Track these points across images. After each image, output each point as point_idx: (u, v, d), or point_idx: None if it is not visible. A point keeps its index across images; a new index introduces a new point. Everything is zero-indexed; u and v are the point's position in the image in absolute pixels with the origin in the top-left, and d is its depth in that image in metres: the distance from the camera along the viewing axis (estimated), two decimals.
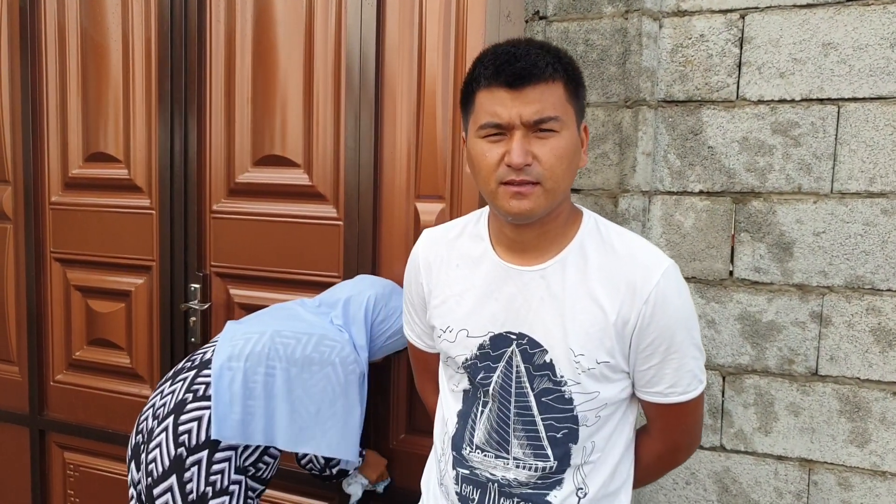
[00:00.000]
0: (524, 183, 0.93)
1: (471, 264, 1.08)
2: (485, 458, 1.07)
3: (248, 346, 1.50)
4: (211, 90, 2.08)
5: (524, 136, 0.93)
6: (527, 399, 1.02)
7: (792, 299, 1.44)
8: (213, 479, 1.45)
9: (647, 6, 1.45)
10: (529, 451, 1.04)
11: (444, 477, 1.15)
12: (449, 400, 1.14)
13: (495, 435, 1.05)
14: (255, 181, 2.04)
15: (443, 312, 1.10)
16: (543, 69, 0.92)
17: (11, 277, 2.48)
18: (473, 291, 1.06)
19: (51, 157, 2.37)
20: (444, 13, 1.78)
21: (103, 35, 2.24)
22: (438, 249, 1.13)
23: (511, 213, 0.96)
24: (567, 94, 0.96)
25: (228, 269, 2.10)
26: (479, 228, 1.11)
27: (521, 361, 1.02)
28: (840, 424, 1.43)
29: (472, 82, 0.98)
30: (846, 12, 1.37)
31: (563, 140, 0.94)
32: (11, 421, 2.51)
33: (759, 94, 1.44)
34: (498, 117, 0.93)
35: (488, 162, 0.95)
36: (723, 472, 1.52)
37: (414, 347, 1.27)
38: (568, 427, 1.02)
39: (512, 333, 1.03)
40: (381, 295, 1.68)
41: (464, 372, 1.08)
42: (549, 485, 1.04)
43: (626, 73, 1.47)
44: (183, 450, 1.45)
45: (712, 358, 1.51)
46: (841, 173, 1.40)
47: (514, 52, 0.93)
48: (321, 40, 1.92)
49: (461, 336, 1.07)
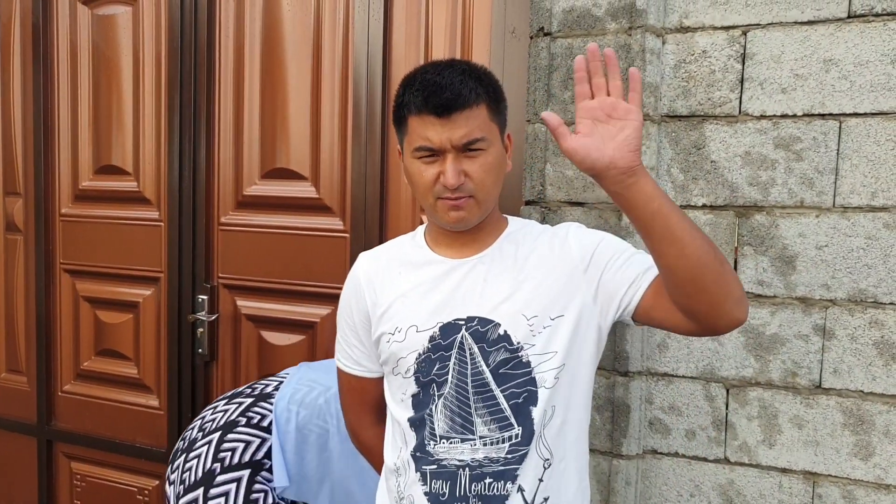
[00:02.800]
0: (459, 197, 1.05)
1: (412, 268, 1.16)
2: (451, 445, 1.08)
3: (312, 394, 1.49)
4: (219, 104, 2.11)
5: (455, 157, 1.04)
6: (483, 376, 1.07)
7: (795, 312, 1.45)
8: (255, 497, 1.45)
9: (650, 23, 1.47)
10: (494, 426, 1.07)
11: (403, 492, 1.13)
12: (398, 412, 1.14)
13: (458, 419, 1.08)
14: (262, 194, 2.06)
15: (390, 315, 1.14)
16: (467, 97, 1.02)
17: (21, 288, 2.51)
18: (419, 289, 1.13)
19: (61, 169, 2.40)
20: (449, 29, 1.80)
21: (114, 50, 2.27)
22: (378, 264, 1.20)
23: (450, 223, 1.08)
24: (490, 113, 1.06)
25: (236, 281, 2.12)
26: (416, 240, 1.20)
27: (472, 343, 1.08)
28: (844, 437, 1.43)
29: (402, 107, 1.07)
30: (847, 29, 1.39)
31: (490, 156, 1.06)
32: (19, 431, 2.53)
33: (761, 110, 1.46)
34: (430, 142, 1.04)
35: (425, 180, 1.06)
36: (727, 485, 1.52)
37: (351, 378, 1.26)
38: (527, 390, 1.07)
39: (460, 319, 1.09)
40: None
41: (412, 375, 1.10)
42: (518, 458, 1.07)
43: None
44: (218, 465, 1.44)
45: (716, 370, 1.51)
46: (843, 188, 1.41)
47: (439, 83, 1.02)
48: (328, 55, 1.95)
49: (411, 333, 1.11)
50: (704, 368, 1.52)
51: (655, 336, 1.55)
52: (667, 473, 1.57)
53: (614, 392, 1.54)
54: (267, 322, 2.10)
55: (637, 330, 1.53)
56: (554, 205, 1.58)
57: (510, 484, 1.06)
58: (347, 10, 1.91)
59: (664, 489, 1.57)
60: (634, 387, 1.54)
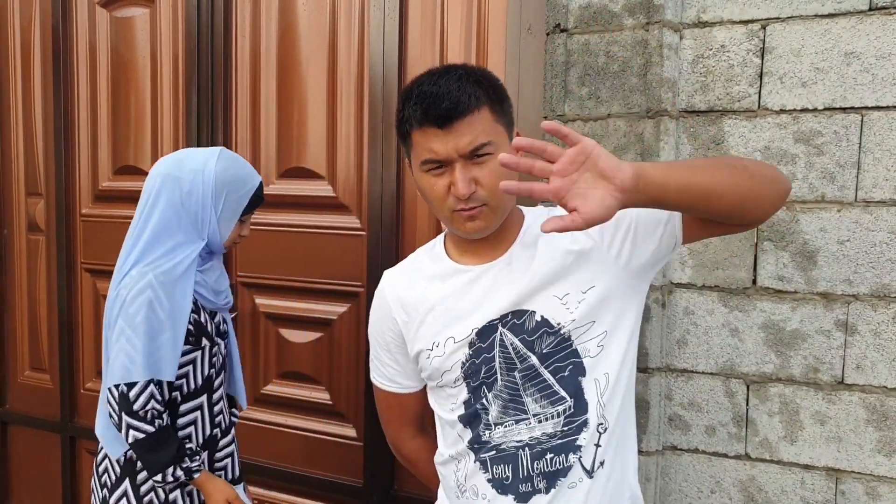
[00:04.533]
0: (473, 208, 1.04)
1: (437, 281, 1.15)
2: (506, 429, 1.09)
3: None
4: (236, 104, 2.13)
5: (464, 166, 1.02)
6: (530, 362, 1.08)
7: (816, 308, 1.44)
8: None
9: (667, 18, 1.47)
10: (545, 402, 1.08)
11: (464, 484, 1.13)
12: (449, 416, 1.14)
13: (511, 404, 1.09)
14: (280, 193, 2.08)
15: (424, 331, 1.14)
16: (467, 103, 1.00)
17: (44, 287, 2.54)
18: (448, 300, 1.12)
19: (81, 170, 2.43)
20: (465, 26, 1.80)
21: (132, 51, 2.30)
22: (402, 281, 1.20)
23: (468, 233, 1.08)
24: (493, 115, 1.04)
25: (254, 279, 2.14)
26: (436, 252, 1.18)
27: (513, 338, 1.08)
28: (867, 433, 1.42)
29: (404, 122, 1.06)
30: (868, 21, 1.37)
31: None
32: (44, 428, 2.57)
33: (781, 104, 1.45)
34: (436, 154, 1.02)
35: (437, 193, 1.05)
36: (748, 481, 1.51)
37: (388, 395, 1.26)
38: (571, 362, 1.08)
39: (494, 319, 1.09)
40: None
41: (462, 382, 1.11)
42: (577, 428, 1.07)
43: (647, 84, 1.48)
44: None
45: (736, 366, 1.51)
46: (865, 182, 1.40)
47: (437, 93, 1.00)
48: (344, 54, 1.96)
49: (449, 344, 1.11)
50: (724, 364, 1.52)
51: (675, 332, 1.55)
52: (687, 469, 1.56)
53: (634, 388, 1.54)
54: (285, 320, 2.11)
55: (657, 327, 1.52)
56: None
57: (572, 455, 1.07)
58: (363, 9, 1.92)
59: (684, 485, 1.57)
60: (654, 383, 1.54)
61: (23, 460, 2.70)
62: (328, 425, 2.07)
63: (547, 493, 1.07)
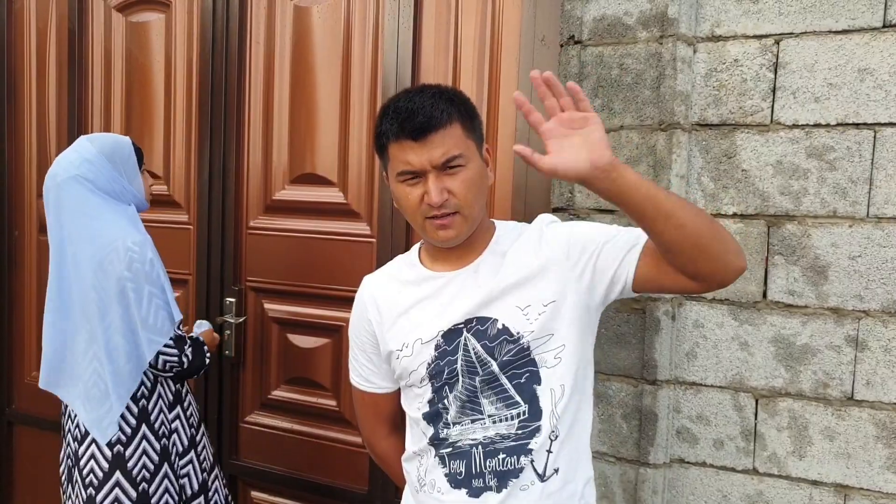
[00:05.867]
0: (445, 215, 1.10)
1: (410, 286, 1.22)
2: (462, 428, 1.15)
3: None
4: (250, 110, 2.14)
5: (436, 176, 1.09)
6: (490, 368, 1.13)
7: (827, 323, 1.44)
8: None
9: (681, 31, 1.48)
10: (501, 405, 1.14)
11: (423, 478, 1.19)
12: (415, 414, 1.21)
13: (468, 404, 1.15)
14: (291, 199, 2.09)
15: (395, 333, 1.21)
16: (440, 118, 1.08)
17: None
18: (418, 304, 1.20)
19: None
20: (479, 37, 1.82)
21: (147, 56, 2.32)
22: (380, 285, 1.27)
23: (439, 241, 1.14)
24: (464, 130, 1.11)
25: (264, 284, 2.15)
26: (411, 259, 1.26)
27: (475, 343, 1.14)
28: (877, 450, 1.42)
29: (381, 136, 1.13)
30: (882, 38, 1.38)
31: (470, 171, 1.11)
32: (50, 429, 2.56)
33: (793, 119, 1.45)
34: (411, 165, 1.09)
35: (411, 202, 1.11)
36: (755, 496, 1.51)
37: (364, 395, 1.34)
38: (528, 370, 1.13)
39: (459, 323, 1.15)
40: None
41: (427, 382, 1.17)
42: (530, 433, 1.13)
43: (660, 97, 1.49)
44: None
45: (745, 380, 1.51)
46: (877, 198, 1.40)
47: (411, 108, 1.08)
48: (358, 62, 1.97)
49: (417, 345, 1.17)
50: (733, 378, 1.52)
51: (684, 345, 1.55)
52: (694, 483, 1.56)
53: (642, 400, 1.54)
54: (293, 325, 2.12)
55: (666, 339, 1.52)
56: (583, 212, 1.58)
57: (524, 458, 1.12)
58: (377, 18, 1.93)
59: (691, 499, 1.56)
60: (662, 395, 1.54)
61: (28, 460, 2.70)
62: (335, 431, 2.08)
63: (499, 491, 1.12)
